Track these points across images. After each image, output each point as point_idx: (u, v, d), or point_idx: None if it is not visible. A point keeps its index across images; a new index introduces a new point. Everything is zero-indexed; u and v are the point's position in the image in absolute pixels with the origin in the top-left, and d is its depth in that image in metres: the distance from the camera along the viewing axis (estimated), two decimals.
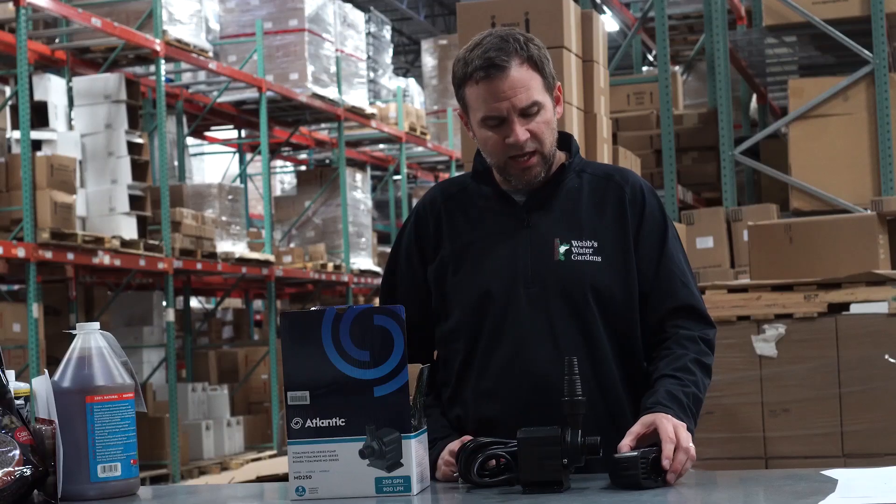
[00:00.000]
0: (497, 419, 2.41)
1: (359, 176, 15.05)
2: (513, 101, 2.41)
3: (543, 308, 2.45)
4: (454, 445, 2.32)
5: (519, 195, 2.52)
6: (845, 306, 5.02)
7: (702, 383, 2.46)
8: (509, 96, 2.41)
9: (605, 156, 5.67)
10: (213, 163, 17.03)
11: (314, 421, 2.12)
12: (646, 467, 2.10)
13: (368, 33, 15.93)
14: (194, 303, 15.79)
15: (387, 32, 16.89)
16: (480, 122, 2.46)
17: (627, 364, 2.48)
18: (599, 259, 2.46)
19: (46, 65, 10.99)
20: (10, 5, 9.25)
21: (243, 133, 15.16)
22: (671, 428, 2.21)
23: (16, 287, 12.03)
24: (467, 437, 2.30)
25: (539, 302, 2.45)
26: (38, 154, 9.45)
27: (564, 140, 2.57)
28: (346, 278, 14.17)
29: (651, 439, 2.23)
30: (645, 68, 14.14)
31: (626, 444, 2.22)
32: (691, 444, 2.22)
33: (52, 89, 10.36)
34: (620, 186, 2.52)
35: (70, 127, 10.51)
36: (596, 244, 2.47)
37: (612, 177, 2.54)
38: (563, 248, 2.46)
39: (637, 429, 2.25)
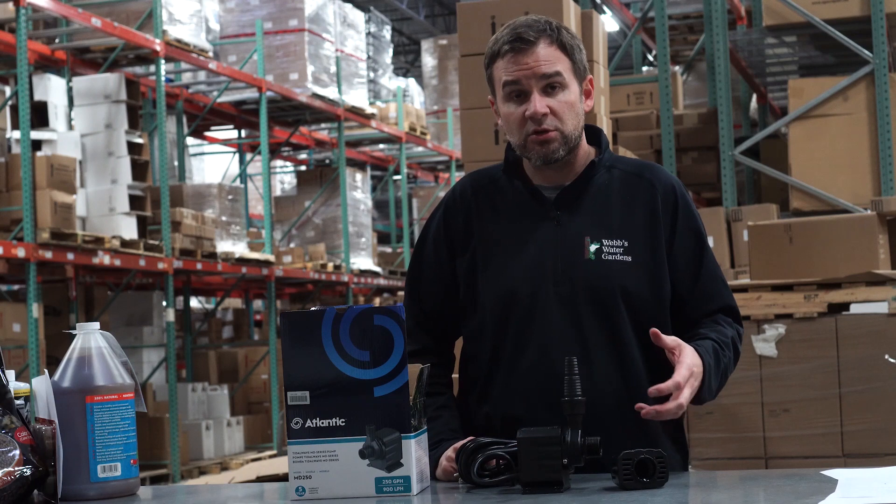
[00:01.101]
0: (524, 418, 2.37)
1: (359, 176, 15.05)
2: (534, 70, 2.41)
3: (572, 307, 2.42)
4: (456, 444, 2.31)
5: (549, 191, 2.49)
6: (845, 306, 5.02)
7: (732, 365, 2.48)
8: (531, 67, 2.41)
9: None
10: (213, 163, 17.04)
11: (314, 421, 2.12)
12: (629, 469, 2.09)
13: (368, 33, 15.93)
14: (194, 303, 15.79)
15: (387, 32, 16.89)
16: (503, 95, 2.45)
17: (655, 366, 2.44)
18: (630, 259, 2.43)
19: (46, 65, 10.99)
20: (10, 5, 9.25)
21: (243, 133, 15.16)
22: (687, 374, 2.26)
23: (16, 287, 12.04)
24: (470, 438, 2.30)
25: (567, 301, 2.42)
26: (38, 154, 9.45)
27: (595, 135, 2.55)
28: (346, 278, 14.17)
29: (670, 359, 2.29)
30: (645, 68, 14.15)
31: (668, 340, 2.28)
32: (685, 402, 2.26)
33: (52, 89, 10.36)
34: (652, 185, 2.49)
35: (70, 127, 10.52)
36: (626, 244, 2.44)
37: (642, 174, 2.51)
38: (593, 247, 2.44)
39: (674, 344, 2.30)
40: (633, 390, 2.41)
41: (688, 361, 2.28)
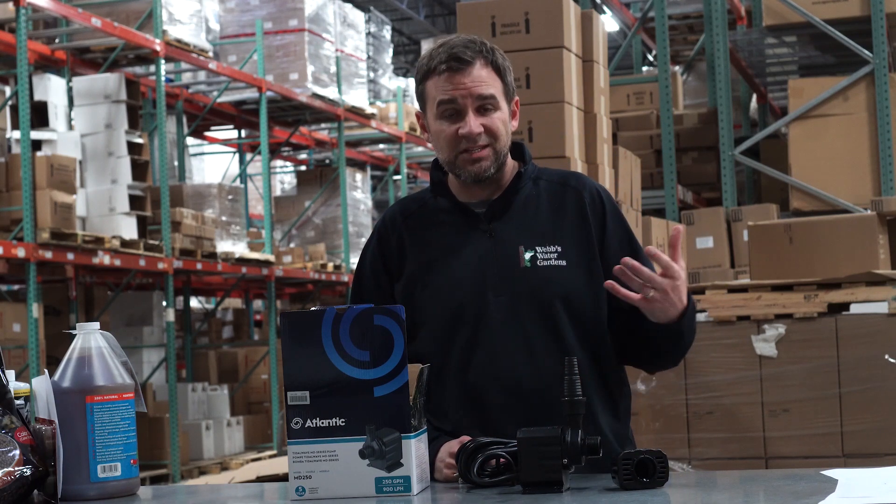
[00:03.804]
0: (475, 428, 2.41)
1: (359, 176, 15.05)
2: (471, 90, 2.46)
3: (514, 315, 2.48)
4: (453, 446, 2.32)
5: (477, 207, 2.55)
6: (845, 306, 5.02)
7: (693, 329, 2.52)
8: (468, 86, 2.46)
9: (604, 156, 5.67)
10: (213, 163, 17.03)
11: (314, 421, 2.12)
12: (629, 469, 2.09)
13: (368, 33, 15.92)
14: (194, 303, 15.79)
15: (387, 32, 16.88)
16: (437, 114, 2.50)
17: (597, 366, 2.52)
18: (564, 263, 2.50)
19: (46, 65, 10.99)
20: (10, 5, 9.25)
21: (243, 133, 15.16)
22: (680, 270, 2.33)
23: (16, 287, 12.04)
24: (466, 438, 2.31)
25: (510, 310, 2.48)
26: (38, 154, 9.45)
27: (517, 149, 2.61)
28: (346, 278, 14.16)
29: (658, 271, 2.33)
30: (645, 68, 14.15)
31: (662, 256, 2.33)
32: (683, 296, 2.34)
33: (52, 89, 10.36)
34: (578, 192, 2.57)
35: (70, 127, 10.51)
36: (560, 249, 2.50)
37: (568, 182, 2.59)
38: (528, 255, 2.50)
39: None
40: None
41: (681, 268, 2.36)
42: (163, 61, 10.97)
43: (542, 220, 2.53)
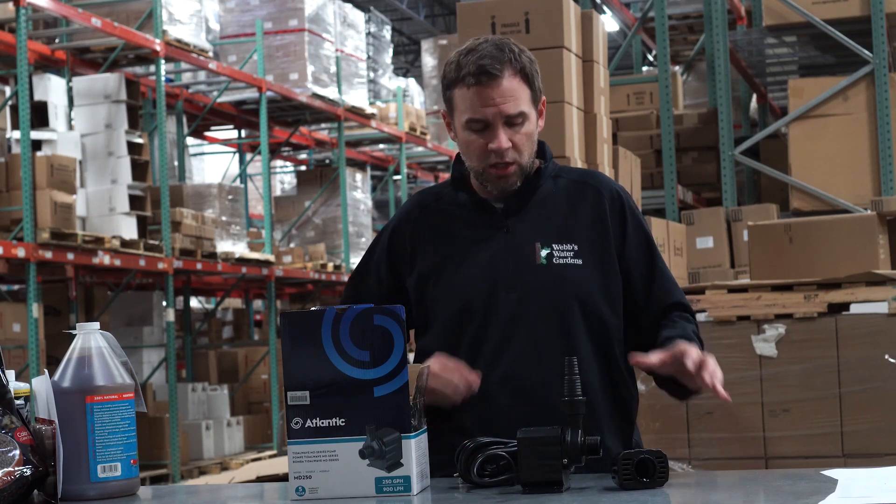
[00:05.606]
0: (478, 426, 2.41)
1: (359, 176, 15.05)
2: (500, 108, 2.45)
3: (525, 312, 2.46)
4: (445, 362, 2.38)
5: (496, 202, 2.54)
6: (845, 306, 5.02)
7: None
8: (498, 104, 2.45)
9: (605, 156, 5.67)
10: (213, 163, 17.03)
11: (314, 421, 2.12)
12: (629, 469, 2.09)
13: (368, 33, 15.93)
14: (194, 303, 15.79)
15: (387, 32, 16.88)
16: (465, 125, 2.49)
17: (605, 368, 2.51)
18: (580, 262, 2.49)
19: (46, 65, 10.99)
20: (10, 5, 9.25)
21: (243, 133, 15.16)
22: (696, 352, 2.31)
23: (16, 287, 12.04)
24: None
25: (521, 306, 2.47)
26: (38, 154, 9.45)
27: (538, 147, 2.59)
28: (346, 278, 14.13)
29: (673, 367, 2.31)
30: (645, 68, 14.14)
31: (653, 358, 2.31)
32: (717, 368, 2.30)
33: (52, 89, 10.36)
34: (598, 191, 2.55)
35: (70, 127, 10.51)
36: (576, 247, 2.49)
37: (587, 181, 2.58)
38: (544, 252, 2.49)
39: (662, 355, 2.32)
40: (584, 391, 2.41)
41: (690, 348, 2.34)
42: (163, 61, 10.98)
43: (559, 217, 2.52)
